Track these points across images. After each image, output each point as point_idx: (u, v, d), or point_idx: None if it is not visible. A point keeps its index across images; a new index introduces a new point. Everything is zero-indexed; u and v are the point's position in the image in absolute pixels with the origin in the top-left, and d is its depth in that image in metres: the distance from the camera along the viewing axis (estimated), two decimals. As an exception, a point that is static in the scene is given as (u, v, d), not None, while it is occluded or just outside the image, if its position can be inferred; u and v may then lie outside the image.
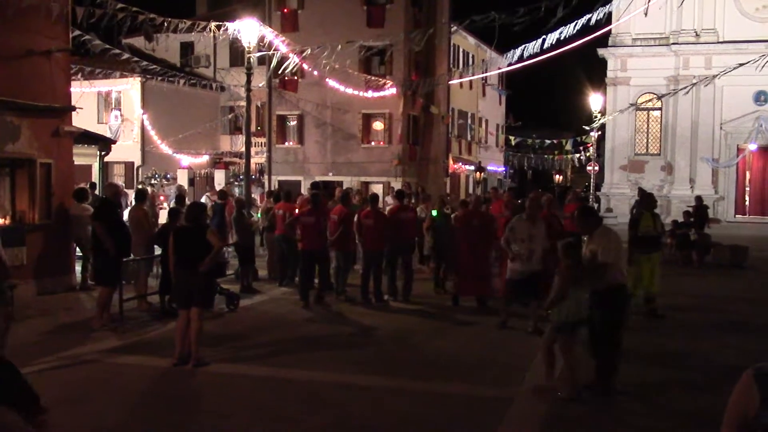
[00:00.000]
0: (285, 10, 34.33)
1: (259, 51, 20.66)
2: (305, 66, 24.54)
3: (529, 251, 10.11)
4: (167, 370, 8.29)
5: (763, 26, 36.87)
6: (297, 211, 14.36)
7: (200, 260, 8.26)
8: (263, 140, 35.70)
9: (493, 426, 6.52)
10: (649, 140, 40.77)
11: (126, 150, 30.82)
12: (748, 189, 39.31)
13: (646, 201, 12.92)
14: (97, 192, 16.23)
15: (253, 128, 32.17)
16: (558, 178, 62.46)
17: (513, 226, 10.31)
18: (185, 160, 34.20)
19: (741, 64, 18.47)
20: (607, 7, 14.83)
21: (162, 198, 23.40)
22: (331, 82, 29.78)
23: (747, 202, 38.98)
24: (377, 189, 29.60)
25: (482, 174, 43.51)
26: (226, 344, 9.55)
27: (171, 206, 14.68)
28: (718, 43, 37.53)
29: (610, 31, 36.33)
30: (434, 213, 14.15)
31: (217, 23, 18.33)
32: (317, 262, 12.90)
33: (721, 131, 38.72)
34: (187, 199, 16.76)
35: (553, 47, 17.09)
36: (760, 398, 2.32)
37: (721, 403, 2.58)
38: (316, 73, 27.18)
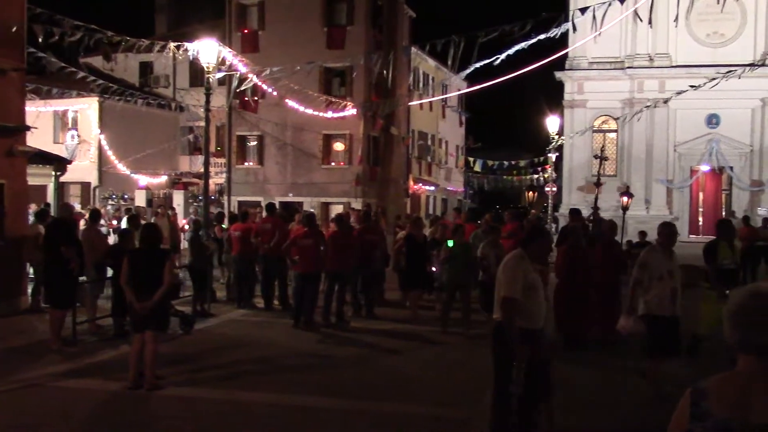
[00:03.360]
0: (245, 31, 34.34)
1: (219, 71, 20.58)
2: (265, 87, 24.53)
3: (672, 291, 8.10)
4: (122, 393, 8.14)
5: (714, 51, 37.86)
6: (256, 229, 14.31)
7: (155, 283, 8.16)
8: (223, 160, 35.50)
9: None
10: (606, 162, 41.41)
11: (82, 170, 30.39)
12: (701, 209, 40.13)
13: (723, 229, 10.76)
14: (52, 213, 15.97)
15: (212, 148, 32.03)
16: (530, 195, 62.90)
17: (646, 262, 8.29)
18: (143, 180, 33.81)
19: (693, 87, 18.94)
20: (562, 27, 15.07)
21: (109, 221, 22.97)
22: (292, 103, 29.79)
23: (700, 222, 39.77)
24: (337, 210, 29.57)
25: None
26: (182, 367, 9.41)
27: (122, 227, 14.54)
28: (671, 67, 38.41)
29: (567, 55, 36.98)
30: (450, 243, 12.53)
31: (177, 43, 18.24)
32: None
33: (675, 153, 39.55)
34: (142, 220, 16.56)
35: (511, 70, 17.35)
36: (690, 414, 2.39)
37: None
38: (276, 93, 27.18)
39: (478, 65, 17.78)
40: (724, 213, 37.20)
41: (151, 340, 8.21)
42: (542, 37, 15.27)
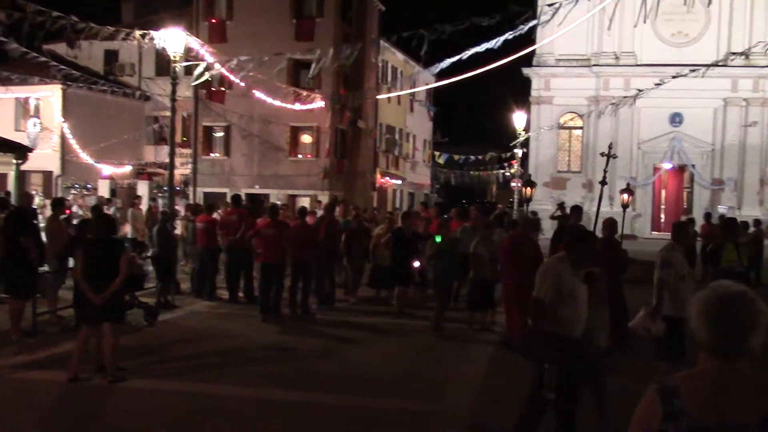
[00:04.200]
0: (213, 21, 34.00)
1: (186, 61, 20.35)
2: (233, 77, 24.31)
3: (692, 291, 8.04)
4: (83, 385, 8.03)
5: (678, 51, 38.37)
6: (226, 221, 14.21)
7: (112, 274, 8.05)
8: (188, 151, 35.17)
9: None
10: (571, 158, 41.84)
11: (44, 159, 29.84)
12: (663, 207, 40.72)
13: (729, 229, 10.19)
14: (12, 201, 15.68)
15: (178, 139, 31.68)
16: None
17: (670, 261, 8.01)
18: (107, 170, 33.33)
19: (657, 84, 19.19)
20: (530, 23, 15.16)
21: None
22: (259, 94, 29.58)
23: (663, 219, 40.36)
24: (304, 202, 29.48)
25: None
26: (146, 359, 9.32)
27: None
28: (637, 65, 38.86)
29: (534, 51, 37.22)
30: (438, 239, 12.08)
31: (143, 31, 17.98)
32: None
33: (638, 151, 40.05)
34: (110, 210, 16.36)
35: (479, 65, 17.42)
36: (662, 413, 2.36)
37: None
38: (243, 84, 26.95)
39: (446, 63, 17.80)
40: (685, 209, 37.88)
41: (109, 333, 8.11)
42: (510, 36, 15.34)
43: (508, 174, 43.80)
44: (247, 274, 14.46)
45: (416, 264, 13.31)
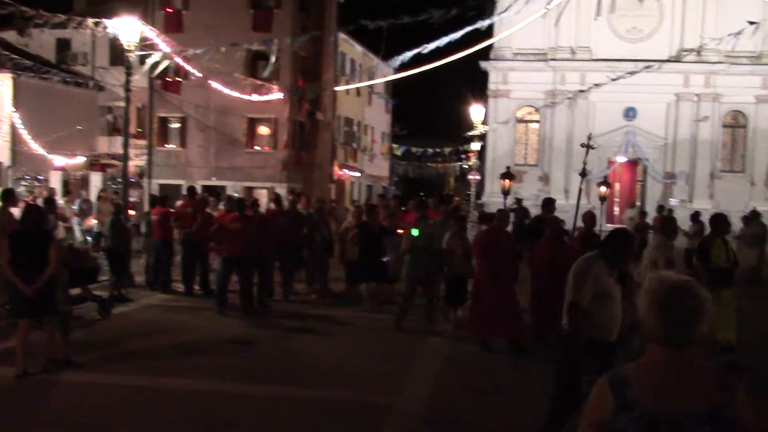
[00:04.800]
0: (169, 10, 33.48)
1: (141, 50, 20.02)
2: (189, 68, 24.00)
3: None
4: (34, 380, 7.86)
5: (633, 46, 38.96)
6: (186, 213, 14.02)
7: (42, 266, 7.89)
8: (143, 142, 34.60)
9: (373, 430, 6.55)
10: (528, 151, 42.26)
11: (-6, 149, 29.09)
12: (617, 200, 41.39)
13: (718, 224, 9.84)
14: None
15: (133, 130, 31.18)
16: (452, 182, 63.38)
17: (670, 257, 8.06)
18: (59, 161, 32.62)
19: (613, 80, 19.48)
20: (488, 20, 15.26)
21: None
22: (216, 85, 29.22)
23: (616, 212, 41.03)
24: (262, 194, 29.27)
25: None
26: (99, 353, 9.15)
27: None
28: (592, 60, 39.36)
29: (492, 45, 37.44)
30: (415, 232, 11.55)
31: (95, 20, 17.65)
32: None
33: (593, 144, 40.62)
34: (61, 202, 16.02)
35: (437, 58, 17.48)
36: (614, 404, 2.38)
37: None
38: (200, 75, 26.61)
39: (405, 55, 17.82)
40: (638, 203, 38.51)
41: (52, 326, 8.01)
42: (468, 29, 15.41)
43: (465, 167, 44.04)
44: (203, 266, 14.30)
45: (386, 258, 12.93)
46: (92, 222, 17.80)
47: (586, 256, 5.76)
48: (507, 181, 23.10)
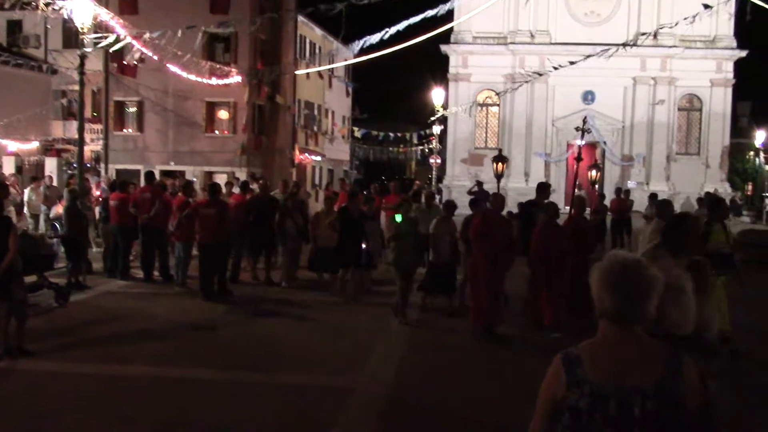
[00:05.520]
0: (123, -9, 32.80)
1: (95, 32, 19.61)
2: (145, 51, 23.57)
3: None
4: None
5: (590, 30, 39.33)
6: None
7: (1, 252, 7.78)
8: (100, 127, 33.98)
9: (333, 414, 6.56)
10: (488, 135, 42.50)
11: (-57, 134, 28.32)
12: (579, 182, 41.93)
13: (717, 209, 9.67)
14: None
15: (88, 114, 30.63)
16: (413, 166, 63.31)
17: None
18: (12, 146, 31.88)
19: (571, 63, 19.62)
20: (449, 4, 15.25)
21: None
22: (173, 69, 28.75)
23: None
24: (221, 179, 28.99)
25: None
26: (57, 341, 9.01)
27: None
28: (551, 44, 39.64)
29: (452, 29, 37.46)
30: (399, 218, 11.07)
31: (47, 1, 17.22)
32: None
33: (552, 128, 41.00)
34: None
35: (398, 42, 17.44)
36: (566, 381, 2.45)
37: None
38: (156, 58, 26.16)
39: (365, 39, 17.74)
40: (597, 187, 38.96)
41: (7, 314, 7.88)
42: (429, 12, 15.39)
43: (426, 151, 44.15)
44: (162, 252, 14.13)
45: (363, 245, 12.58)
46: (60, 209, 17.21)
47: (649, 247, 5.40)
48: (500, 164, 22.50)
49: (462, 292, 11.33)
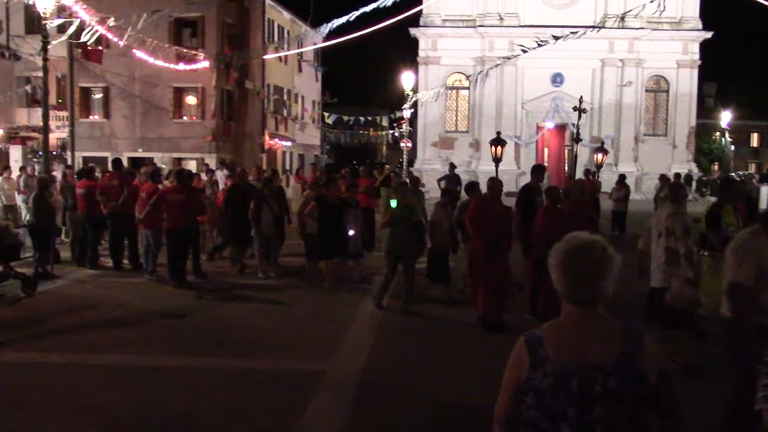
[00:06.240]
0: (87, -25, 32.23)
1: (59, 17, 19.29)
2: (110, 36, 23.22)
3: None
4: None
5: (559, 12, 39.47)
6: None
7: None
8: (65, 114, 33.46)
9: (305, 399, 6.57)
10: (459, 118, 42.57)
11: None
12: (546, 164, 42.20)
13: (728, 191, 9.25)
14: None
15: (53, 101, 30.12)
16: (384, 150, 63.10)
17: (690, 225, 7.73)
18: (-25, 134, 31.35)
19: (539, 45, 19.69)
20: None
21: None
22: (139, 54, 28.36)
23: (546, 176, 41.86)
24: (191, 165, 28.73)
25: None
26: (24, 331, 8.90)
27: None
28: (520, 27, 39.73)
29: (421, 11, 37.39)
30: (393, 203, 10.63)
31: (8, -15, 16.88)
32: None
33: (522, 110, 41.19)
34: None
35: (367, 25, 17.36)
36: (529, 361, 2.49)
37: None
38: (122, 44, 25.79)
39: (334, 23, 17.63)
40: (566, 168, 39.29)
41: None
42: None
43: (397, 134, 44.13)
44: (132, 240, 13.98)
45: (351, 233, 12.18)
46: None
47: (748, 231, 5.14)
48: (499, 147, 21.68)
49: (462, 280, 11.03)
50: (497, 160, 22.76)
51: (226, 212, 13.91)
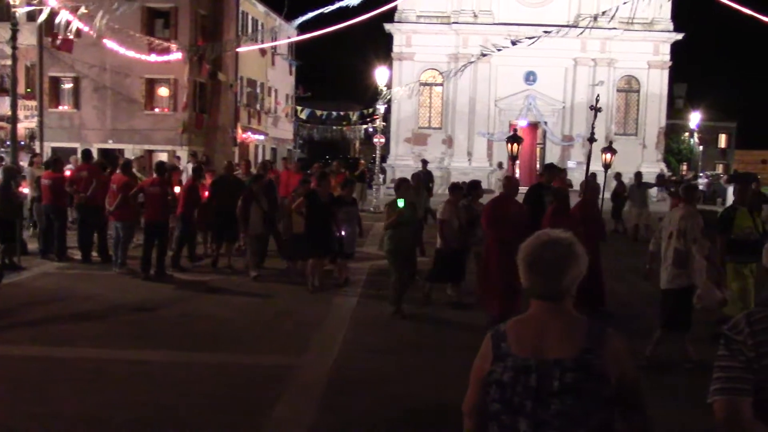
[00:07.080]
0: (57, -37, 31.76)
1: (28, 5, 18.98)
2: (81, 25, 22.89)
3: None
4: None
5: (533, 11, 39.67)
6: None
7: None
8: (34, 103, 32.92)
9: (277, 393, 6.55)
10: (432, 114, 42.62)
11: None
12: (518, 162, 42.44)
13: (741, 192, 8.97)
14: None
15: (22, 90, 29.61)
16: (357, 145, 62.98)
17: (690, 213, 7.55)
18: (-59, 123, 30.76)
19: (513, 43, 19.79)
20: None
21: None
22: (111, 44, 27.98)
23: (518, 174, 42.08)
24: (162, 157, 28.45)
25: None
26: (-11, 324, 8.77)
27: None
28: (494, 24, 39.85)
29: (396, 7, 37.34)
30: (401, 203, 9.89)
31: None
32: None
33: (495, 107, 41.35)
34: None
35: (342, 19, 17.33)
36: (492, 355, 2.53)
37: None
38: (93, 33, 25.43)
39: (308, 16, 17.57)
40: (538, 166, 39.52)
41: None
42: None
43: (371, 130, 44.06)
44: (101, 232, 13.82)
45: (343, 232, 11.58)
46: (23, 191, 15.97)
47: None
48: (515, 145, 20.65)
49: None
50: (514, 158, 21.98)
51: (210, 205, 13.47)
